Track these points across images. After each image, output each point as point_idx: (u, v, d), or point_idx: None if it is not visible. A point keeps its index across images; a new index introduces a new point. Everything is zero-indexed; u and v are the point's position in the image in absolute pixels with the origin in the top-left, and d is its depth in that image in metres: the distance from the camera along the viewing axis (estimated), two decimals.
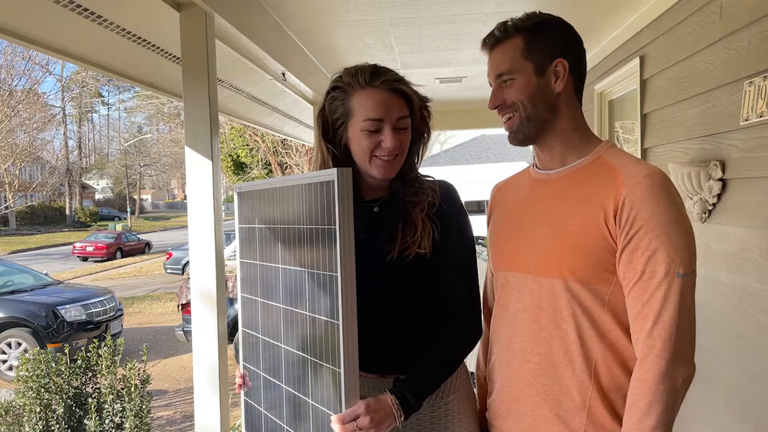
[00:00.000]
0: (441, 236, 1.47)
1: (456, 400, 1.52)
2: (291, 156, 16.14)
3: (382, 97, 1.42)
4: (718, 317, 2.26)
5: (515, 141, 1.44)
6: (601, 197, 1.30)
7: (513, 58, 1.38)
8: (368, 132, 1.42)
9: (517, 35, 1.38)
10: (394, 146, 1.42)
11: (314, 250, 1.33)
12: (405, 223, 1.47)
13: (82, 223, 38.17)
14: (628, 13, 3.11)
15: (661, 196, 1.25)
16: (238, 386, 1.71)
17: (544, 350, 1.36)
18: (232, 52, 2.92)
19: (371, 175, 1.47)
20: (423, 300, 1.49)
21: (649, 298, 1.24)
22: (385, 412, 1.31)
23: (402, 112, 1.44)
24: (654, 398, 1.21)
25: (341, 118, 1.46)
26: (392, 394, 1.35)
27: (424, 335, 1.47)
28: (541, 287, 1.37)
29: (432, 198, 1.49)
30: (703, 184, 2.30)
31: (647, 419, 1.21)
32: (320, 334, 1.32)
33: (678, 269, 1.23)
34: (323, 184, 1.29)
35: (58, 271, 18.72)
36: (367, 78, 1.43)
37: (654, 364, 1.22)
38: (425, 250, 1.45)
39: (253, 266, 1.65)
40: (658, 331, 1.23)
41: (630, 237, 1.26)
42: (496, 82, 1.41)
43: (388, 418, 1.31)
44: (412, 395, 1.35)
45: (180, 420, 6.81)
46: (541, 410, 1.37)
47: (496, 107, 1.42)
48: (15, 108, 26.02)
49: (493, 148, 21.19)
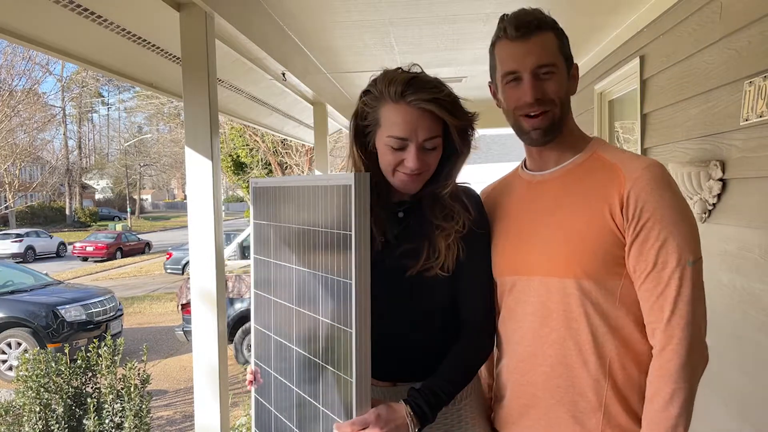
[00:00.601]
0: (466, 256, 1.42)
1: (468, 405, 1.48)
2: (291, 156, 16.12)
3: (411, 115, 1.33)
4: (718, 317, 2.25)
5: (546, 137, 1.37)
6: (604, 193, 1.31)
7: (553, 51, 1.34)
8: (392, 148, 1.36)
9: (550, 30, 1.35)
10: (417, 167, 1.35)
11: (329, 254, 1.30)
12: (430, 244, 1.41)
13: (82, 223, 38.16)
14: (628, 13, 3.11)
15: (663, 187, 1.27)
16: (248, 382, 1.67)
17: (556, 352, 1.35)
18: (232, 52, 2.92)
19: (393, 184, 1.42)
20: (437, 312, 1.45)
21: (664, 288, 1.25)
22: (397, 424, 1.26)
23: (431, 133, 1.35)
24: (677, 386, 1.22)
25: (370, 126, 1.41)
26: (407, 404, 1.29)
27: (439, 346, 1.43)
28: (549, 289, 1.36)
29: (462, 226, 1.41)
30: (703, 184, 2.30)
31: (671, 407, 1.22)
32: (332, 340, 1.30)
33: (688, 257, 1.25)
34: (341, 188, 1.24)
35: (58, 271, 18.72)
36: (400, 91, 1.33)
37: (675, 353, 1.23)
38: (448, 271, 1.40)
39: (267, 264, 1.63)
40: (676, 320, 1.24)
41: (639, 229, 1.26)
42: (532, 73, 1.32)
43: (400, 429, 1.26)
44: (427, 405, 1.30)
45: (180, 420, 6.81)
46: (556, 413, 1.35)
47: (536, 100, 1.33)
48: (15, 108, 26.00)
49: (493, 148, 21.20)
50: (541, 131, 1.36)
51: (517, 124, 1.40)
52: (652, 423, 1.24)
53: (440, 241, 1.41)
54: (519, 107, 1.36)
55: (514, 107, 1.38)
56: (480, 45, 3.69)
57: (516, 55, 1.34)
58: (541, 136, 1.37)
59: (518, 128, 1.41)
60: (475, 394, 1.51)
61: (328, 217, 1.30)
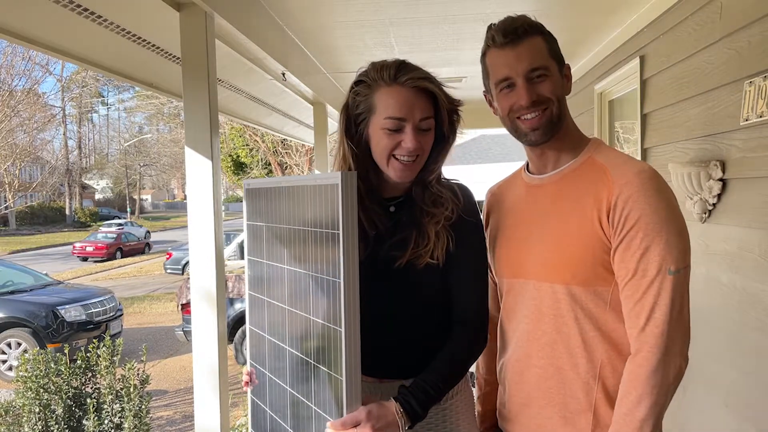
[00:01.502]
0: (456, 247, 1.42)
1: (454, 404, 1.49)
2: (291, 156, 16.13)
3: (406, 95, 1.37)
4: (718, 317, 2.25)
5: (545, 136, 1.37)
6: (594, 198, 1.31)
7: (543, 54, 1.36)
8: (389, 131, 1.37)
9: (538, 34, 1.37)
10: (415, 147, 1.37)
11: (318, 253, 1.31)
12: (419, 232, 1.42)
13: (82, 223, 38.16)
14: (628, 13, 3.11)
15: (651, 194, 1.26)
16: (245, 383, 1.68)
17: (548, 354, 1.37)
18: (232, 52, 2.92)
19: (388, 174, 1.43)
20: (429, 307, 1.45)
21: (642, 296, 1.25)
22: (387, 421, 1.26)
23: (426, 113, 1.39)
24: (644, 392, 1.22)
25: (363, 114, 1.42)
26: (397, 401, 1.30)
27: (429, 342, 1.43)
28: (541, 293, 1.38)
29: (450, 212, 1.42)
30: (703, 184, 2.30)
31: (636, 411, 1.22)
32: (323, 339, 1.31)
33: (669, 266, 1.24)
34: (328, 187, 1.26)
35: (58, 271, 18.71)
36: (393, 74, 1.38)
37: (645, 359, 1.23)
38: (438, 261, 1.40)
39: (260, 264, 1.63)
40: (650, 328, 1.24)
41: (623, 236, 1.27)
42: (525, 77, 1.34)
43: (391, 427, 1.26)
44: (417, 402, 1.31)
45: (180, 420, 6.81)
46: (548, 413, 1.38)
47: (532, 102, 1.34)
48: (15, 108, 26.01)
49: (493, 149, 21.17)
50: (539, 131, 1.37)
51: (515, 127, 1.40)
52: (617, 425, 1.25)
53: (430, 227, 1.41)
54: (514, 110, 1.37)
55: (509, 111, 1.38)
56: (480, 45, 3.68)
57: (507, 62, 1.35)
58: (540, 136, 1.37)
59: (516, 131, 1.41)
60: (462, 392, 1.51)
61: (317, 217, 1.31)
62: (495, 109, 1.45)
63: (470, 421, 1.53)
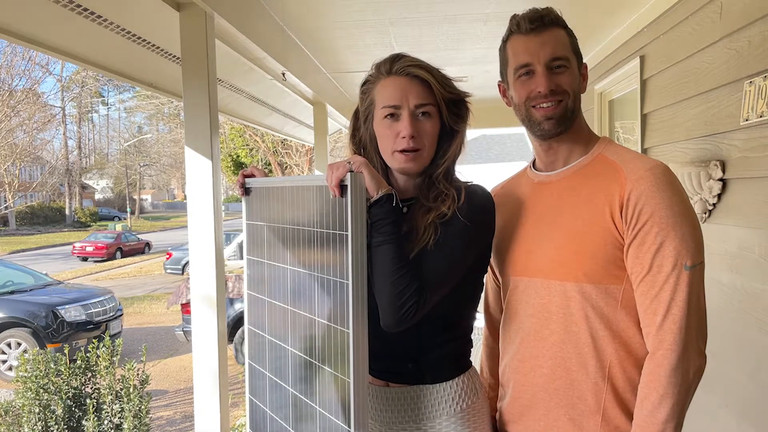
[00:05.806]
0: (435, 242, 1.34)
1: (472, 408, 1.43)
2: (291, 156, 16.13)
3: (399, 83, 1.38)
4: (718, 317, 2.25)
5: (558, 128, 1.36)
6: (606, 195, 1.30)
7: (566, 46, 1.36)
8: (387, 121, 1.38)
9: (562, 27, 1.37)
10: (410, 132, 1.35)
11: (324, 254, 1.29)
12: (411, 225, 1.37)
13: (82, 223, 38.15)
14: (628, 13, 3.11)
15: (665, 189, 1.26)
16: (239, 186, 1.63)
17: (556, 354, 1.35)
18: (232, 52, 2.92)
19: (393, 168, 1.41)
20: (434, 310, 1.36)
21: (658, 292, 1.24)
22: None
23: (422, 99, 1.37)
24: (665, 392, 1.21)
25: (368, 109, 1.43)
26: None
27: (434, 346, 1.40)
28: (550, 291, 1.35)
29: (447, 208, 1.36)
30: (703, 184, 2.30)
31: (658, 412, 1.21)
32: (329, 340, 1.30)
33: (685, 261, 1.23)
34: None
35: (58, 271, 18.71)
36: (388, 67, 1.40)
37: (664, 357, 1.22)
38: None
39: (260, 264, 1.62)
40: (668, 325, 1.23)
41: (636, 231, 1.26)
42: (546, 65, 1.33)
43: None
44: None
45: (180, 420, 6.81)
46: (555, 414, 1.35)
47: (550, 91, 1.33)
48: (15, 108, 26.00)
49: (493, 148, 21.19)
50: (554, 121, 1.35)
51: (529, 115, 1.38)
52: (639, 427, 1.24)
53: (421, 221, 1.36)
54: (531, 98, 1.36)
55: (525, 98, 1.36)
56: (480, 45, 3.69)
57: (530, 48, 1.35)
58: (554, 126, 1.35)
59: (529, 119, 1.38)
60: (479, 394, 1.46)
61: (323, 218, 1.29)
62: (509, 99, 1.44)
63: (487, 422, 1.47)
